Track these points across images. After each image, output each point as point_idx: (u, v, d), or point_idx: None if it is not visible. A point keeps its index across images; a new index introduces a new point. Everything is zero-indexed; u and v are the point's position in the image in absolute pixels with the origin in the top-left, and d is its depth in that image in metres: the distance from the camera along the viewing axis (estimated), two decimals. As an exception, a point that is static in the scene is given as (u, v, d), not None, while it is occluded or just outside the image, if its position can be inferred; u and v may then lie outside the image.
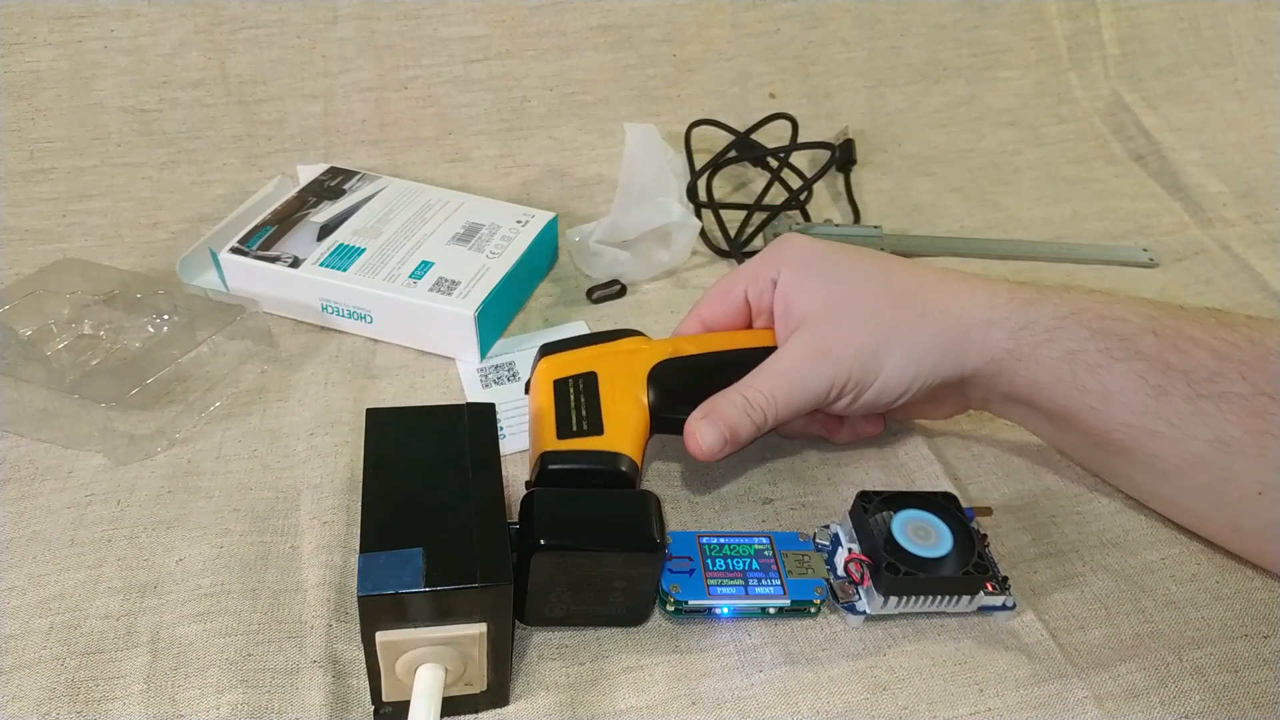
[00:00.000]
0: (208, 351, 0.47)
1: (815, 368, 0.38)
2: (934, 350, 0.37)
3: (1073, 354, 0.36)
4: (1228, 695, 0.34)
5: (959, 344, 0.37)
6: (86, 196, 0.59)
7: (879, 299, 0.38)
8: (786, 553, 0.38)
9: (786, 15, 0.69)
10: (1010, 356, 0.37)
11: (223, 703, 0.34)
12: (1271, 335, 0.35)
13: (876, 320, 0.38)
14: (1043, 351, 0.36)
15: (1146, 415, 0.35)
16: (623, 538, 0.33)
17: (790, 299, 0.40)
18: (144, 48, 0.60)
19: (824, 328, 0.38)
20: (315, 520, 0.41)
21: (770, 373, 0.38)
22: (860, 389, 0.38)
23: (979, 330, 0.37)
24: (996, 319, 0.37)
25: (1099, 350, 0.36)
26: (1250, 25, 0.76)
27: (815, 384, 0.38)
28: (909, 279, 0.39)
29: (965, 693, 0.34)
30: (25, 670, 0.35)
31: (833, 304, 0.39)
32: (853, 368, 0.37)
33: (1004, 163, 0.69)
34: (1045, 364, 0.37)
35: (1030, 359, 0.37)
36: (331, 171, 0.59)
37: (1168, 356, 0.35)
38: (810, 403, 0.38)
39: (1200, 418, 0.34)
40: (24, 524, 0.41)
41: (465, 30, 0.64)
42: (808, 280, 0.40)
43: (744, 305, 0.42)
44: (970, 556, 0.36)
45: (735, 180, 0.66)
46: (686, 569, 0.36)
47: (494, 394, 0.48)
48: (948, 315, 0.38)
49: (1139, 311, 0.36)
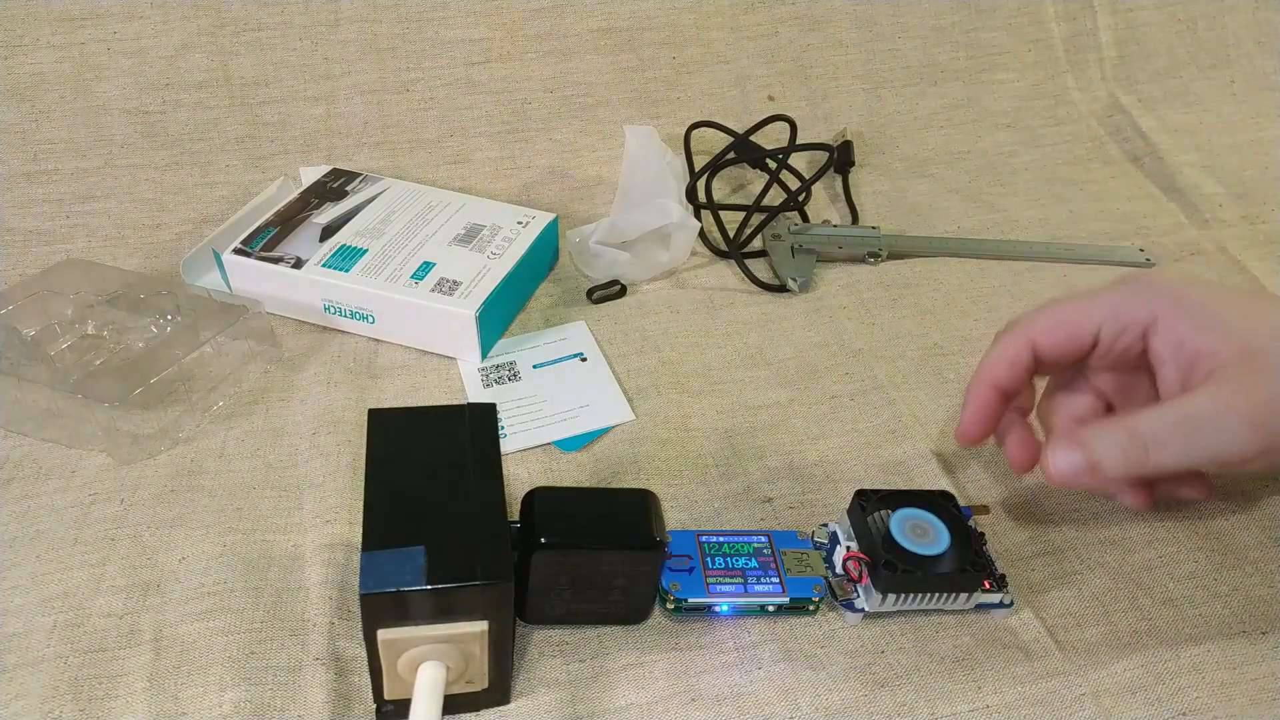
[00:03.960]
0: (211, 351, 0.47)
1: (1242, 421, 0.33)
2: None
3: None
4: (1225, 692, 0.34)
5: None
6: (90, 198, 0.59)
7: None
8: (785, 551, 0.38)
9: (785, 18, 0.69)
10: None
11: (225, 700, 0.34)
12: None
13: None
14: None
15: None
16: (623, 536, 0.33)
17: (1187, 343, 0.35)
18: (147, 50, 0.60)
19: (1254, 378, 0.33)
20: (318, 519, 0.41)
21: (1177, 415, 0.33)
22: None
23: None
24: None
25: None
26: (1247, 27, 0.76)
27: (1240, 441, 0.33)
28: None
29: (963, 690, 0.35)
30: (28, 668, 0.35)
31: (1252, 352, 0.33)
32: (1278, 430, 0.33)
33: (1001, 164, 0.69)
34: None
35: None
36: (334, 173, 0.59)
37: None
38: (1222, 459, 0.33)
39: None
40: (27, 523, 0.41)
41: (467, 33, 0.64)
42: (1208, 323, 0.34)
43: (1089, 343, 0.37)
44: (968, 554, 0.36)
45: (734, 181, 0.67)
46: (686, 567, 0.37)
47: (495, 394, 0.48)
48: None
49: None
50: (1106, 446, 0.34)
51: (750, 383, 0.49)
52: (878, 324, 0.53)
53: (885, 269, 0.58)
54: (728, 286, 0.57)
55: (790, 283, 0.55)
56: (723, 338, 0.52)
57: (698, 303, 0.55)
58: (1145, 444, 0.33)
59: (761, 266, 0.58)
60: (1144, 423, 0.34)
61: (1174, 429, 0.33)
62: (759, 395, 0.48)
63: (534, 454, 0.45)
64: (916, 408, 0.47)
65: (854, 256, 0.58)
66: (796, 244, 0.58)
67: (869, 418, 0.47)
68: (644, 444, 0.45)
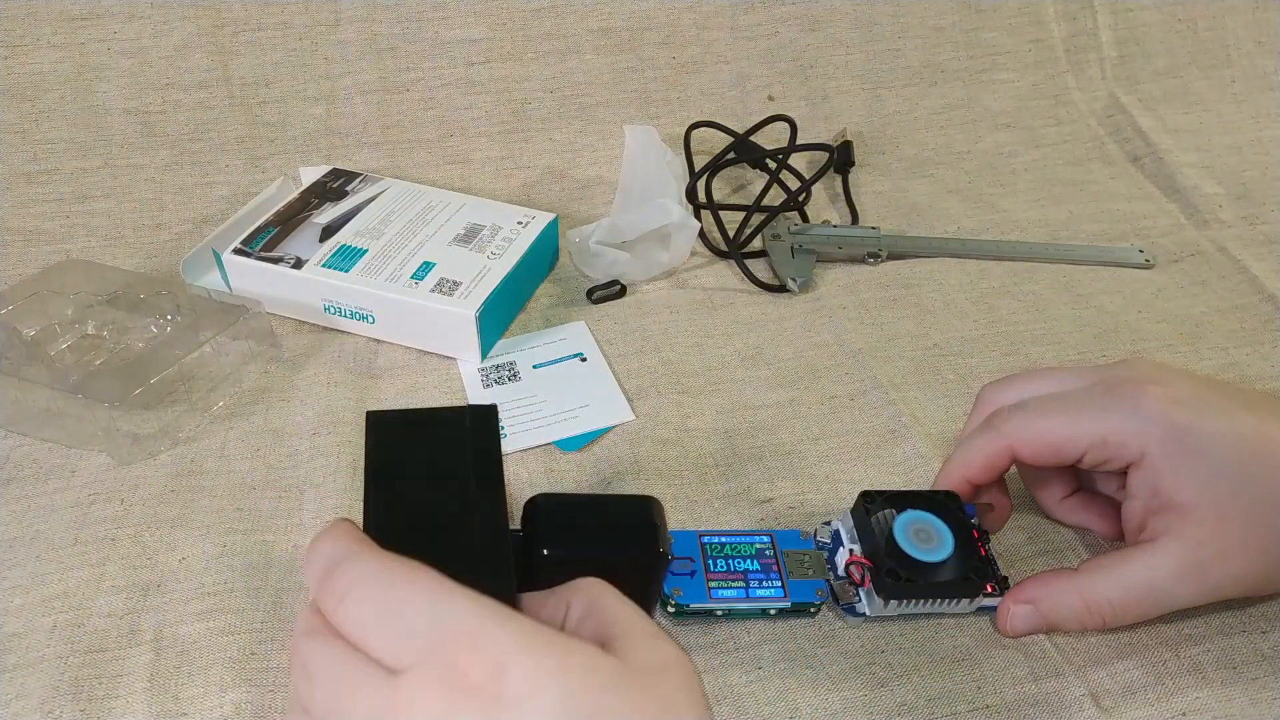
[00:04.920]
0: (211, 352, 0.47)
1: (1186, 588, 0.33)
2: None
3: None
4: (1225, 692, 0.34)
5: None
6: (90, 197, 0.59)
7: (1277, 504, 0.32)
8: (788, 552, 0.38)
9: (785, 18, 0.69)
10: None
11: (226, 701, 0.34)
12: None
13: (1270, 543, 0.32)
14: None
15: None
16: (627, 547, 0.33)
17: (1161, 487, 0.33)
18: (147, 50, 0.60)
19: (1206, 540, 0.32)
20: (318, 519, 0.41)
21: (1127, 583, 0.33)
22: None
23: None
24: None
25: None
26: (1248, 27, 0.76)
27: (1176, 602, 0.33)
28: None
29: (963, 690, 0.35)
30: (29, 668, 0.35)
31: (1219, 506, 0.32)
32: (1230, 594, 0.33)
33: (1001, 164, 0.69)
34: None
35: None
36: (334, 173, 0.59)
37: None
38: (1160, 614, 0.34)
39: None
40: (28, 523, 0.41)
41: (466, 33, 0.64)
42: (1188, 464, 0.32)
43: (1072, 461, 0.35)
44: (971, 561, 0.36)
45: (734, 182, 0.67)
46: (688, 571, 0.36)
47: (495, 394, 0.48)
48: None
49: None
50: (1064, 614, 0.34)
51: (750, 383, 0.49)
52: (877, 324, 0.53)
53: (885, 269, 0.58)
54: (728, 286, 0.57)
55: (790, 283, 0.55)
56: (723, 338, 0.52)
57: (698, 303, 0.55)
58: (1102, 614, 0.34)
59: (761, 267, 0.58)
60: (1101, 591, 0.34)
61: (1126, 599, 0.33)
62: (759, 395, 0.48)
63: (534, 454, 0.45)
64: (916, 408, 0.47)
65: (854, 257, 0.58)
66: (796, 244, 0.58)
67: (869, 418, 0.47)
68: (644, 444, 0.45)
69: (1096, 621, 0.34)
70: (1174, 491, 0.33)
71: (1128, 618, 0.34)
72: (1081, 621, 0.34)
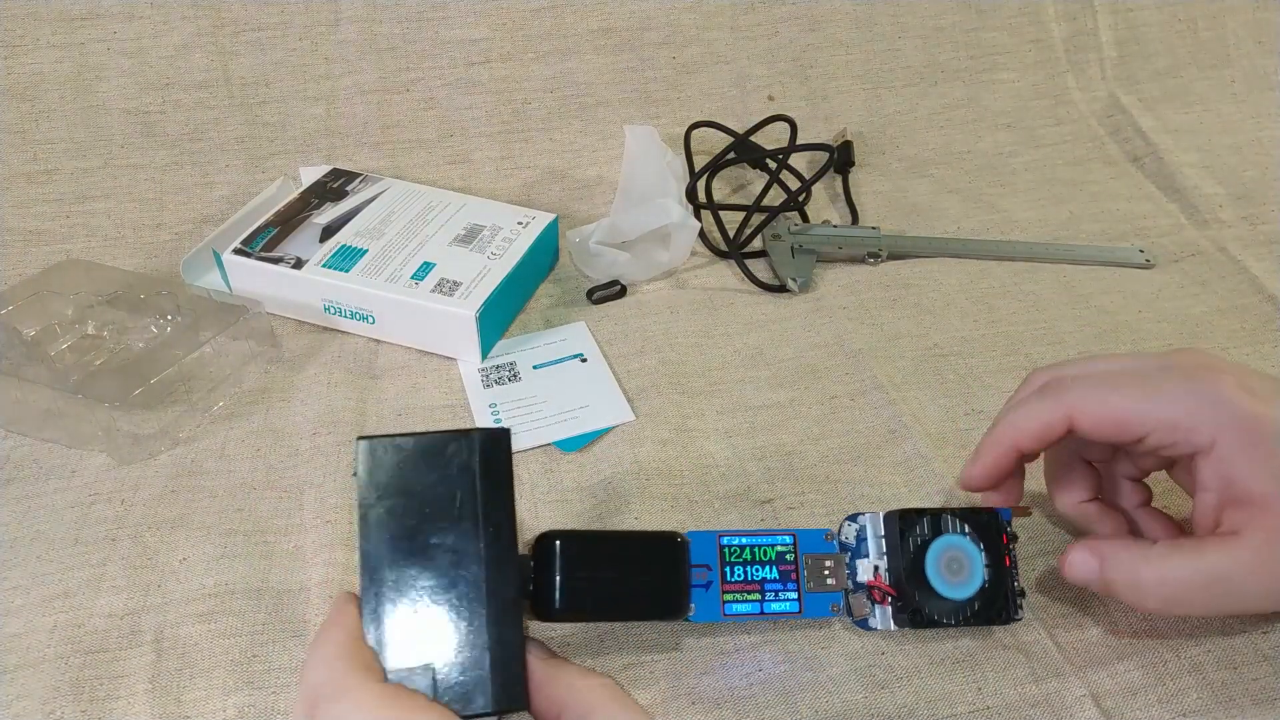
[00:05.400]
0: (211, 352, 0.47)
1: (1259, 583, 0.31)
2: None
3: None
4: (1226, 692, 0.34)
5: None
6: (90, 198, 0.59)
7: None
8: (809, 557, 0.35)
9: (785, 18, 0.69)
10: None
11: (229, 705, 0.34)
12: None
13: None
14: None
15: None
16: (648, 606, 0.32)
17: (1235, 478, 0.31)
18: (146, 50, 0.60)
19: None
20: (318, 519, 0.41)
21: (1201, 566, 0.32)
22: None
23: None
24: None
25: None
26: (1248, 27, 0.76)
27: (1246, 598, 0.32)
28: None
29: (963, 691, 0.35)
30: (30, 669, 0.35)
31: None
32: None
33: (1001, 164, 0.69)
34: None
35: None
36: (334, 173, 0.59)
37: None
38: (1249, 613, 0.33)
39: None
40: (28, 523, 0.41)
41: (467, 33, 0.64)
42: (1266, 461, 0.31)
43: (1133, 440, 0.33)
44: (998, 601, 0.34)
45: (734, 182, 0.67)
46: (704, 582, 0.34)
47: (495, 394, 0.48)
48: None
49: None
50: (1125, 581, 0.33)
51: (750, 383, 0.49)
52: (878, 324, 0.53)
53: (885, 269, 0.58)
54: (728, 287, 0.57)
55: (790, 283, 0.55)
56: (723, 338, 0.52)
57: (698, 303, 0.55)
58: (1163, 594, 0.32)
59: (761, 267, 0.58)
60: (1173, 570, 0.32)
61: (1202, 587, 0.31)
62: (759, 395, 0.48)
63: (534, 454, 0.45)
64: (916, 408, 0.47)
65: (854, 257, 0.58)
66: (796, 244, 0.58)
67: (869, 418, 0.47)
68: (644, 444, 0.45)
69: (1153, 601, 0.32)
70: (1250, 482, 0.31)
71: (1193, 605, 0.32)
72: (1139, 595, 0.32)
